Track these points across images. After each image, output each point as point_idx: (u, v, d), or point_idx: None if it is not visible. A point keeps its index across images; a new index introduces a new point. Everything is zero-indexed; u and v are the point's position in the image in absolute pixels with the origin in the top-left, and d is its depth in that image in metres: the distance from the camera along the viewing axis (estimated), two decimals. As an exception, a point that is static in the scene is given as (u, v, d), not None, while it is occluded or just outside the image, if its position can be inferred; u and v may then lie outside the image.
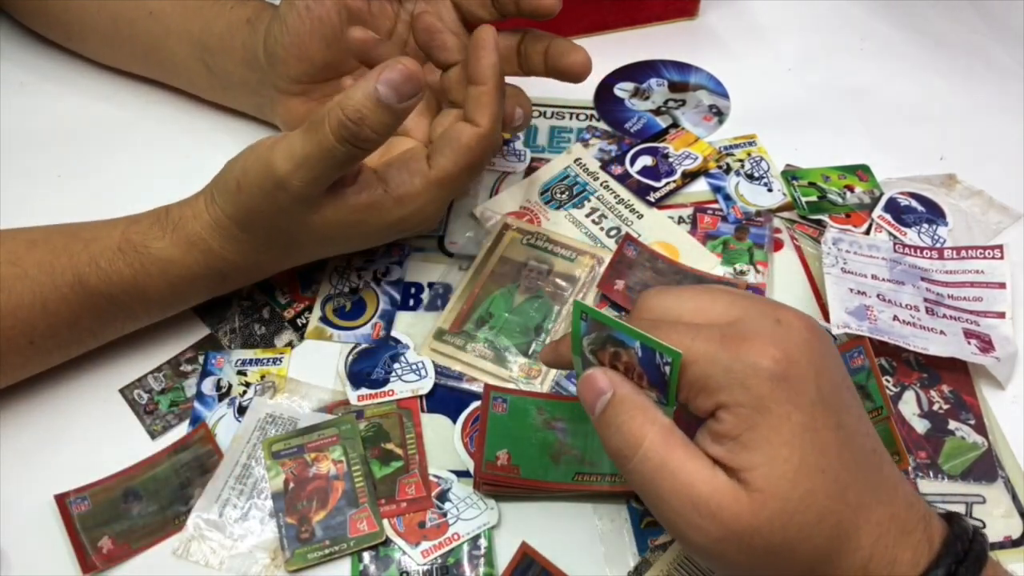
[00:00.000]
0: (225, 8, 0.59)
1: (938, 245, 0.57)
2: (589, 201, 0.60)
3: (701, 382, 0.35)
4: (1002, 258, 0.55)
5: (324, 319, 0.54)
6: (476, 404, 0.50)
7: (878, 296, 0.53)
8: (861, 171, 0.61)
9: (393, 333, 0.53)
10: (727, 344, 0.35)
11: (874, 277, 0.54)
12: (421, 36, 0.51)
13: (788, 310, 0.37)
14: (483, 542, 0.45)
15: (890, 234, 0.58)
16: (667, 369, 0.35)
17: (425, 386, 0.51)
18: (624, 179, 0.61)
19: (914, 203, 0.59)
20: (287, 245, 0.49)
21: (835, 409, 0.35)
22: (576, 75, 0.51)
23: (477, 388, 0.51)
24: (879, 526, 0.34)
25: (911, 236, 0.57)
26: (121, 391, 0.51)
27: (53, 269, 0.47)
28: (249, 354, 0.52)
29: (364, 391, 0.50)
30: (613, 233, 0.58)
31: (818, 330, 0.36)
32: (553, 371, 0.51)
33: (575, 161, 0.62)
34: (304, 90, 0.55)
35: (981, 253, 0.55)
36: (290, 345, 0.53)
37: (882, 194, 0.60)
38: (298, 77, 0.54)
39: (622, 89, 0.68)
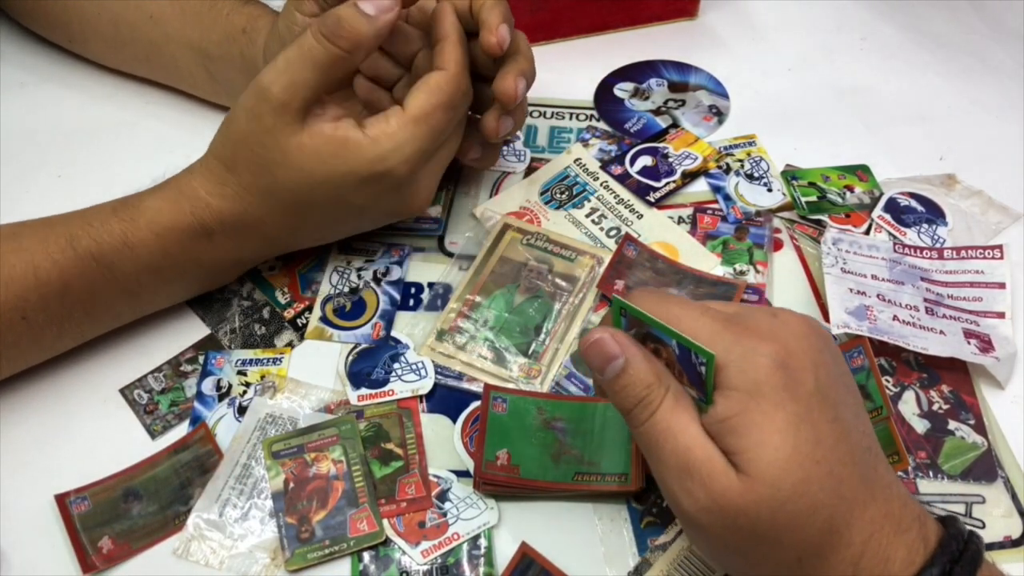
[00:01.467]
0: (221, 15, 0.59)
1: (938, 245, 0.57)
2: (589, 201, 0.60)
3: None
4: (1002, 258, 0.55)
5: (324, 319, 0.54)
6: (476, 404, 0.50)
7: (878, 296, 0.53)
8: (861, 171, 0.61)
9: (393, 333, 0.53)
10: (730, 327, 0.36)
11: (874, 277, 0.54)
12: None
13: (784, 309, 0.38)
14: (483, 542, 0.45)
15: (890, 234, 0.58)
16: (703, 369, 0.35)
17: (425, 386, 0.51)
18: (624, 179, 0.61)
19: (914, 203, 0.59)
20: (269, 188, 0.48)
21: (832, 403, 0.35)
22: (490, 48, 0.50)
23: (477, 388, 0.51)
24: (872, 523, 0.34)
25: (911, 236, 0.57)
26: (121, 391, 0.51)
27: (47, 236, 0.47)
28: (249, 354, 0.52)
29: (364, 391, 0.50)
30: (613, 233, 0.58)
31: (816, 326, 0.37)
32: (553, 371, 0.51)
33: (575, 161, 0.62)
34: None
35: (981, 253, 0.55)
36: (290, 345, 0.53)
37: (882, 194, 0.60)
38: None
39: (622, 89, 0.68)
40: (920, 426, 0.49)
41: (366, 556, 0.45)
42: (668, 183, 0.61)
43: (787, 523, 0.34)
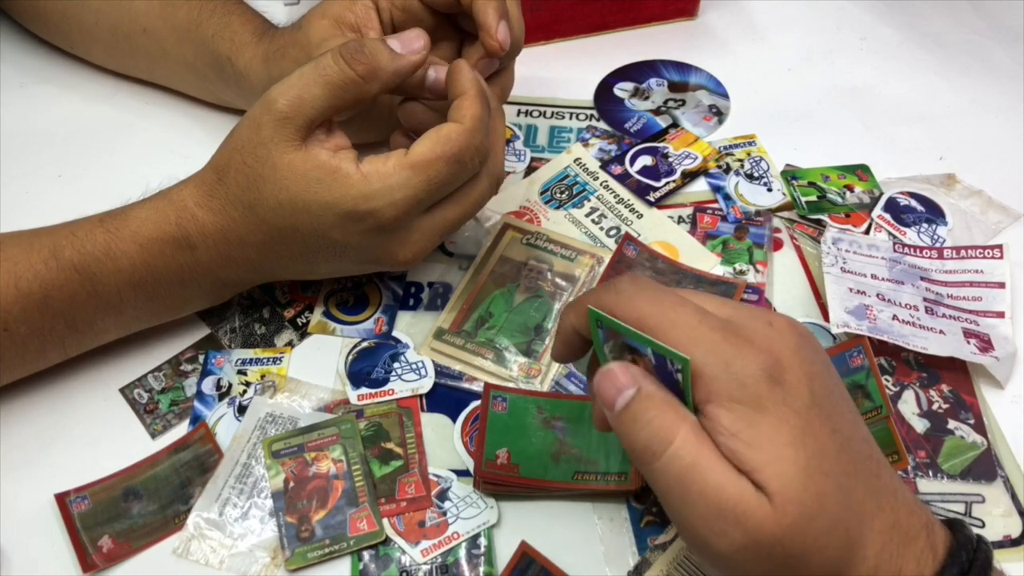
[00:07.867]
0: (206, 36, 0.58)
1: (938, 245, 0.57)
2: (589, 201, 0.60)
3: (698, 368, 0.34)
4: (1001, 258, 0.55)
5: (327, 313, 0.54)
6: (476, 403, 0.50)
7: (877, 295, 0.53)
8: (860, 171, 0.61)
9: (393, 333, 0.53)
10: (728, 338, 0.34)
11: (874, 277, 0.54)
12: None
13: (777, 314, 0.37)
14: (483, 541, 0.45)
15: (890, 234, 0.58)
16: (679, 376, 0.34)
17: (425, 385, 0.51)
18: (624, 179, 0.61)
19: (914, 203, 0.59)
20: (252, 204, 0.46)
21: (828, 414, 0.34)
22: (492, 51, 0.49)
23: (477, 387, 0.51)
24: (882, 535, 0.34)
25: (911, 236, 0.57)
26: (121, 390, 0.51)
27: (31, 245, 0.46)
28: (249, 353, 0.52)
29: (364, 390, 0.50)
30: (613, 233, 0.58)
31: (806, 334, 0.36)
32: (553, 370, 0.51)
33: (575, 161, 0.62)
34: None
35: (981, 253, 0.55)
36: (290, 344, 0.53)
37: (882, 194, 0.60)
38: None
39: (622, 89, 0.68)
40: (920, 425, 0.49)
41: (366, 555, 0.45)
42: (668, 183, 0.61)
43: (813, 543, 0.33)
